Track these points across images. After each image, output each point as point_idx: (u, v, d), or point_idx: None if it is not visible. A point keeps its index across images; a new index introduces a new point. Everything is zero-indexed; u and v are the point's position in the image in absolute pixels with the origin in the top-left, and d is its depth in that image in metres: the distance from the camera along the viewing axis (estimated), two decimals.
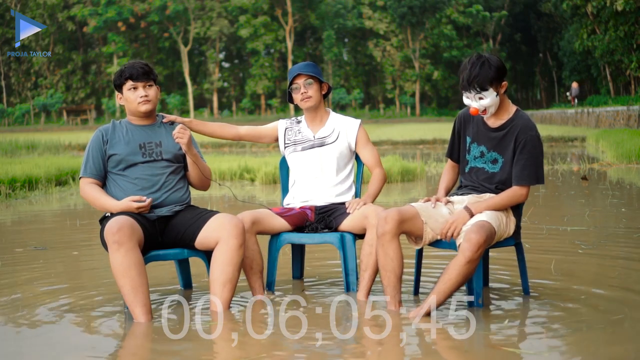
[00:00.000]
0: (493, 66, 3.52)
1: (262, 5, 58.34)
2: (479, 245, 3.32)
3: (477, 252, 3.32)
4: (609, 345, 3.01)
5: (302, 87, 4.08)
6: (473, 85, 3.52)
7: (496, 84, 3.54)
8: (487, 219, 3.47)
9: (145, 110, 3.77)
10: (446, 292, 3.34)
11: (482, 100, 3.56)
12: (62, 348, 3.08)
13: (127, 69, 3.75)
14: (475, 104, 3.58)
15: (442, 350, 2.97)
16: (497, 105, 3.61)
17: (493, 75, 3.51)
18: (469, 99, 3.59)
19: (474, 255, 3.32)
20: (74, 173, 11.72)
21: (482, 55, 3.58)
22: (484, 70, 3.50)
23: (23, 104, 59.43)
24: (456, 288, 3.36)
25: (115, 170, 3.74)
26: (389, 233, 3.48)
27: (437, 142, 22.82)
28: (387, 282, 3.52)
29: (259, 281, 3.87)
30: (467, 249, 3.32)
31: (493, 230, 3.44)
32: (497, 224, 3.50)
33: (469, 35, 60.69)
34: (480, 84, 3.51)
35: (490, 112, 3.61)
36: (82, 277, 4.66)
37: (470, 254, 3.32)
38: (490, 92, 3.54)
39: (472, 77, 3.51)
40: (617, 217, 6.76)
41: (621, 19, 34.41)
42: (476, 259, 3.34)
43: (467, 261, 3.32)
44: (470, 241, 3.33)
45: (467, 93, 3.58)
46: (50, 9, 58.93)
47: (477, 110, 3.59)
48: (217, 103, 61.26)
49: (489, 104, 3.56)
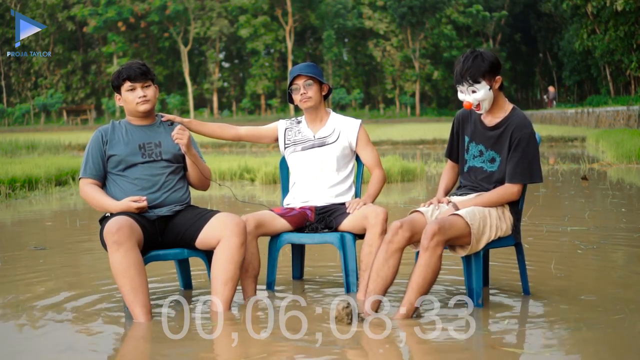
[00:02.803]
0: (486, 60, 3.54)
1: (262, 5, 58.30)
2: (432, 233, 3.33)
3: (432, 240, 3.32)
4: (609, 345, 3.01)
5: (301, 87, 4.08)
6: (465, 78, 3.54)
7: (489, 77, 3.55)
8: (461, 213, 3.47)
9: (144, 110, 3.77)
10: (413, 285, 3.33)
11: (475, 93, 3.56)
12: (62, 348, 3.08)
13: (125, 69, 3.75)
14: (469, 98, 3.58)
15: (442, 350, 2.97)
16: (491, 100, 3.60)
17: (486, 68, 3.53)
18: (462, 93, 3.61)
19: (429, 243, 3.33)
20: (74, 173, 11.72)
21: (476, 50, 3.61)
22: (477, 63, 3.53)
23: (23, 104, 59.40)
24: (423, 280, 3.32)
25: (115, 171, 3.75)
26: (396, 244, 3.46)
27: (437, 142, 22.81)
28: (373, 286, 3.44)
29: (252, 285, 3.87)
30: (423, 239, 3.36)
31: (461, 224, 3.43)
32: (477, 219, 3.48)
33: (469, 35, 60.66)
34: (473, 76, 3.53)
35: (484, 107, 3.60)
36: (82, 277, 4.66)
37: (425, 242, 3.34)
38: (482, 85, 3.54)
39: (465, 69, 3.54)
40: (617, 217, 6.76)
41: (621, 19, 34.40)
42: (433, 247, 3.33)
43: (423, 250, 3.34)
44: (425, 231, 3.36)
45: (460, 86, 3.59)
46: (50, 9, 58.89)
47: (470, 104, 3.59)
48: (217, 103, 61.23)
49: (482, 97, 3.56)
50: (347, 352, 2.98)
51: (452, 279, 4.32)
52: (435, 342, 3.06)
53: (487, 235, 3.53)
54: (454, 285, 4.14)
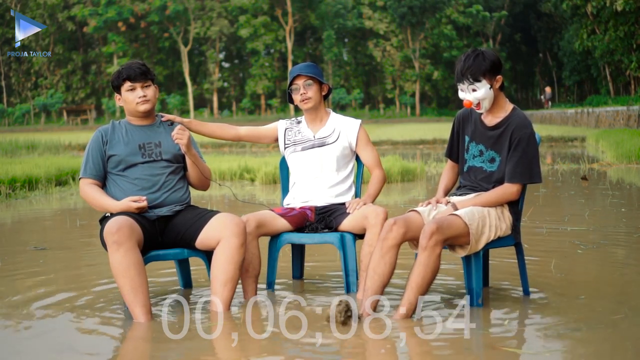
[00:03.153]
0: (487, 59, 3.55)
1: (262, 5, 58.30)
2: (431, 233, 3.32)
3: (430, 239, 3.32)
4: (609, 345, 3.01)
5: (301, 88, 4.08)
6: (466, 76, 3.54)
7: (490, 76, 3.55)
8: (459, 214, 3.47)
9: (144, 110, 3.77)
10: (412, 285, 3.32)
11: (475, 92, 3.56)
12: (62, 348, 3.08)
13: (125, 69, 3.76)
14: (469, 97, 3.58)
15: (442, 351, 2.97)
16: (492, 100, 3.60)
17: (487, 67, 3.53)
18: (463, 91, 3.61)
19: (427, 243, 3.32)
20: (74, 173, 11.72)
21: (478, 49, 3.62)
22: (478, 62, 3.53)
23: (23, 104, 59.41)
24: (422, 279, 3.32)
25: (115, 171, 3.75)
26: (391, 240, 3.46)
27: (437, 142, 22.82)
28: (370, 283, 3.44)
29: (252, 285, 3.86)
30: (421, 238, 3.35)
31: (459, 224, 3.43)
32: (475, 219, 3.48)
33: (469, 35, 60.67)
34: (473, 75, 3.53)
35: (484, 106, 3.60)
36: (81, 277, 4.65)
37: (424, 242, 3.33)
38: (483, 84, 3.55)
39: (466, 67, 3.54)
40: (617, 217, 6.75)
41: (621, 19, 34.42)
42: (431, 247, 3.32)
43: (422, 250, 3.33)
44: (424, 231, 3.35)
45: (461, 85, 3.59)
46: (50, 9, 58.90)
47: (470, 102, 3.59)
48: (217, 103, 61.24)
49: (482, 96, 3.56)
50: (347, 352, 2.98)
51: (452, 279, 4.32)
52: (435, 342, 3.05)
53: (486, 235, 3.53)
54: (454, 285, 4.13)
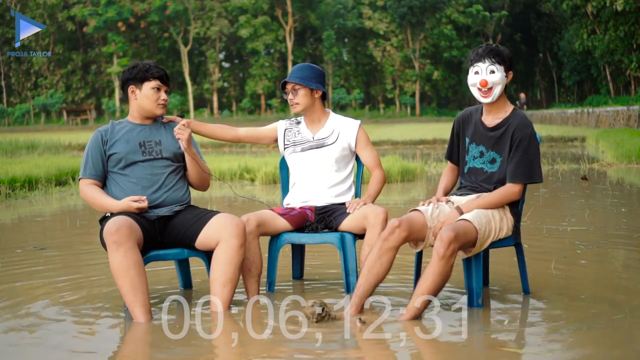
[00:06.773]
0: (506, 51, 3.64)
1: (262, 5, 58.29)
2: (449, 241, 3.30)
3: (448, 249, 3.30)
4: (609, 345, 3.01)
5: (289, 93, 4.07)
6: (490, 56, 3.58)
7: (506, 67, 3.60)
8: (469, 218, 3.46)
9: (161, 114, 3.83)
10: (424, 292, 3.31)
11: (493, 74, 3.58)
12: (62, 348, 3.08)
13: (154, 68, 3.77)
14: (485, 77, 3.58)
15: (442, 350, 2.97)
16: (501, 90, 3.61)
17: (508, 55, 3.62)
18: (478, 73, 3.60)
19: (445, 252, 3.30)
20: (74, 173, 11.72)
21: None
22: (500, 49, 3.62)
23: (23, 104, 59.39)
24: (435, 287, 3.31)
25: (116, 170, 3.75)
26: (392, 242, 3.45)
27: (437, 142, 22.82)
28: (363, 281, 3.43)
29: (255, 284, 3.86)
30: (439, 246, 3.32)
31: (472, 229, 3.43)
32: (483, 223, 3.48)
33: (469, 35, 60.65)
34: (496, 56, 3.58)
35: (494, 93, 3.60)
36: (81, 277, 4.65)
37: (442, 250, 3.31)
38: (501, 69, 3.58)
39: (489, 49, 3.60)
40: (617, 217, 6.76)
41: (621, 19, 34.40)
42: (449, 256, 3.31)
43: (439, 258, 3.31)
44: (441, 239, 3.33)
45: (479, 64, 3.60)
46: (50, 9, 58.87)
47: (486, 81, 3.58)
48: (217, 103, 61.23)
49: (498, 80, 3.58)
50: (347, 352, 2.98)
51: (452, 279, 4.31)
52: (435, 342, 3.06)
53: (491, 238, 3.54)
54: (454, 285, 4.13)
